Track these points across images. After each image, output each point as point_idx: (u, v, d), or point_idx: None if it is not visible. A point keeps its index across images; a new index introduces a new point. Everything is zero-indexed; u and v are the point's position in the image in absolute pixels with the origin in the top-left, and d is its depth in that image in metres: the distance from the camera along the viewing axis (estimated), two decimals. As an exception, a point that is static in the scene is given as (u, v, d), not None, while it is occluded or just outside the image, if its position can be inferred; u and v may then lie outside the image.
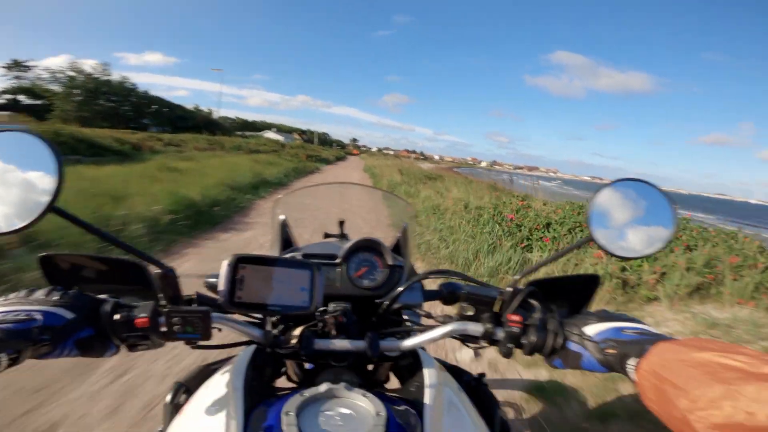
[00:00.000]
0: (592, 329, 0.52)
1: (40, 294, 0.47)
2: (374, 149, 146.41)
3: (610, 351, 0.49)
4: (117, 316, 0.49)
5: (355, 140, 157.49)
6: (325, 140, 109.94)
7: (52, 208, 0.43)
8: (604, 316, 0.54)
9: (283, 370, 0.78)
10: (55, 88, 29.86)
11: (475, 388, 0.76)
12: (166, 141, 21.31)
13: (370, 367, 0.74)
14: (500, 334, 0.57)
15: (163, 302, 0.55)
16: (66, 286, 0.49)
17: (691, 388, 0.35)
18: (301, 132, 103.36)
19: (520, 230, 4.69)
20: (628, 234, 0.54)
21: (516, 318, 0.56)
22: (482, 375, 0.79)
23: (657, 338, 0.46)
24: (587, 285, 0.65)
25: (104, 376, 1.83)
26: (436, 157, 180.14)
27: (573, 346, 0.53)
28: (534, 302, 0.58)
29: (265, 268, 0.57)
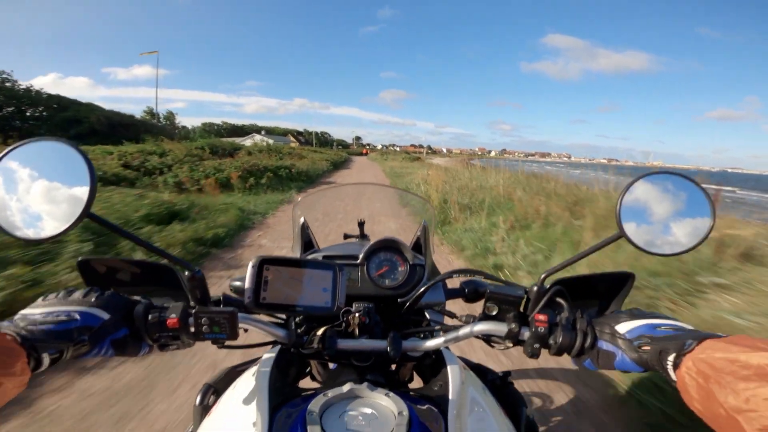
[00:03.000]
0: (625, 327, 0.51)
1: (78, 295, 0.49)
2: (379, 146, 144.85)
3: (646, 348, 0.48)
4: (150, 317, 0.52)
5: (358, 138, 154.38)
6: (325, 140, 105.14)
7: (87, 213, 0.45)
8: (636, 314, 0.53)
9: (308, 370, 0.81)
10: None
11: (501, 387, 0.77)
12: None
13: (393, 366, 0.76)
14: (526, 334, 0.57)
15: (192, 303, 0.58)
16: (102, 288, 0.52)
17: (741, 388, 0.35)
18: (297, 133, 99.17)
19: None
20: (663, 229, 0.52)
21: (542, 317, 0.56)
22: (507, 373, 0.80)
23: (697, 334, 0.45)
24: (619, 283, 0.63)
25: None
26: (444, 150, 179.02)
27: (605, 346, 0.52)
28: (561, 301, 0.57)
29: (288, 269, 0.59)
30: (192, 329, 0.53)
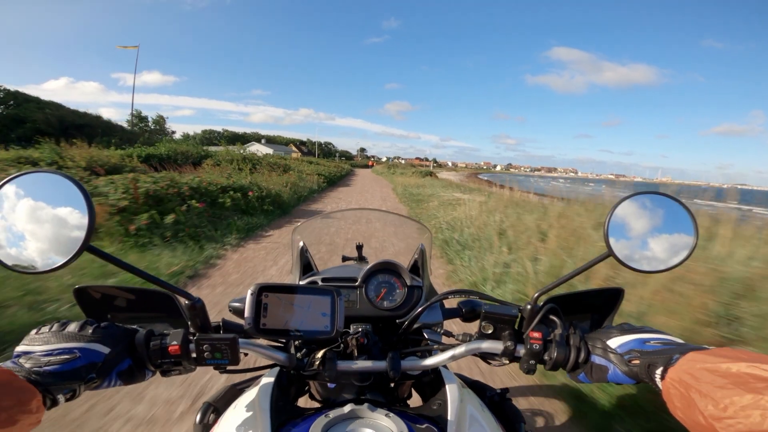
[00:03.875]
0: (616, 342, 0.54)
1: (73, 328, 0.48)
2: (384, 159, 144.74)
3: (635, 362, 0.50)
4: (151, 345, 0.53)
5: (362, 150, 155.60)
6: (328, 151, 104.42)
7: (87, 246, 0.45)
8: (627, 329, 0.55)
9: (307, 388, 0.82)
10: None
11: (499, 403, 0.78)
12: None
13: (393, 383, 0.77)
14: (521, 351, 0.60)
15: (192, 330, 0.59)
16: (99, 317, 0.54)
17: (719, 396, 0.37)
18: (300, 143, 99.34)
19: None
20: (650, 246, 0.55)
21: (537, 335, 0.58)
22: (506, 390, 0.81)
23: (684, 348, 0.47)
24: (610, 299, 0.66)
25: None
26: (449, 164, 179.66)
27: (598, 360, 0.55)
28: (555, 318, 0.60)
29: (287, 295, 0.61)
30: (194, 355, 0.54)
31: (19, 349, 0.45)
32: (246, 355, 0.60)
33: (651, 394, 1.87)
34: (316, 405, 0.74)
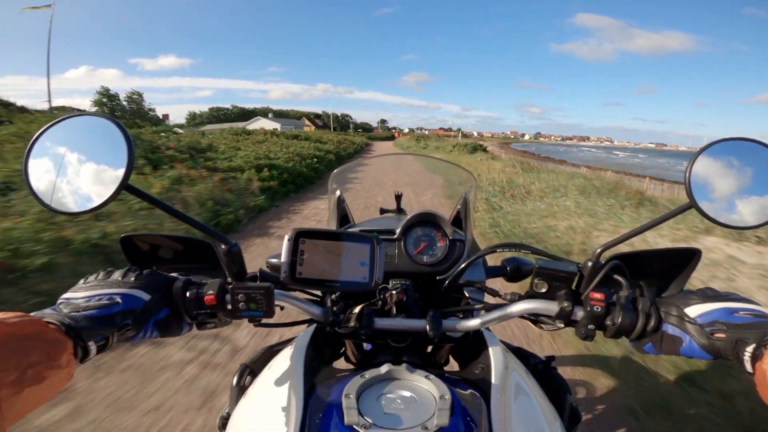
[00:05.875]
0: (695, 310, 0.48)
1: (117, 276, 0.49)
2: (405, 130, 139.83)
3: (719, 335, 0.45)
4: (188, 294, 0.52)
5: (383, 121, 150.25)
6: (346, 124, 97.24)
7: (125, 185, 0.46)
8: (710, 295, 0.49)
9: (342, 350, 0.82)
10: None
11: (543, 372, 0.75)
12: None
13: (430, 348, 0.75)
14: (579, 314, 0.55)
15: (228, 279, 0.58)
16: (143, 265, 0.54)
17: None
18: (316, 116, 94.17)
19: None
20: (737, 200, 0.49)
21: (599, 296, 0.53)
22: (551, 358, 0.78)
23: None
24: (683, 260, 0.60)
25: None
26: (474, 134, 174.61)
27: (670, 329, 0.50)
28: (620, 278, 0.54)
29: (324, 242, 0.59)
30: (229, 306, 0.53)
31: (63, 296, 0.46)
32: (282, 308, 0.59)
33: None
34: (351, 367, 0.74)
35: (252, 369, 0.76)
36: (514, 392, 0.54)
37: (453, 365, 0.77)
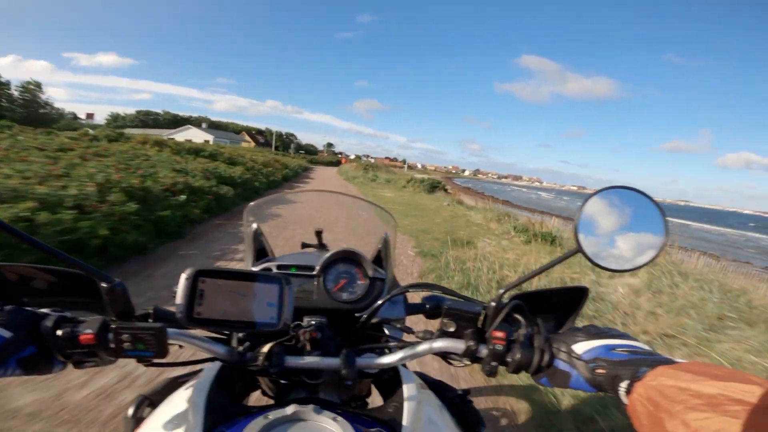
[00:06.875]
0: (581, 347, 0.53)
1: None
2: (352, 156, 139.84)
3: (600, 371, 0.49)
4: (60, 332, 0.48)
5: (330, 145, 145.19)
6: (288, 144, 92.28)
7: None
8: (593, 333, 0.54)
9: (259, 384, 0.80)
10: None
11: (459, 405, 0.78)
12: None
13: (351, 381, 0.74)
14: (483, 351, 0.58)
15: (114, 317, 0.55)
16: (9, 299, 0.49)
17: (691, 418, 0.35)
18: (258, 132, 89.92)
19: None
20: (619, 244, 0.55)
21: (500, 335, 0.57)
22: (467, 392, 0.81)
23: (652, 359, 0.46)
24: (574, 297, 0.67)
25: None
26: (419, 166, 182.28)
27: (561, 365, 0.54)
28: (519, 317, 0.59)
29: (228, 282, 0.57)
30: (112, 345, 0.50)
31: None
32: (181, 347, 0.57)
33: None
34: (268, 401, 0.72)
35: (152, 400, 0.72)
36: (425, 427, 0.56)
37: (377, 395, 0.78)
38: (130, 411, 0.72)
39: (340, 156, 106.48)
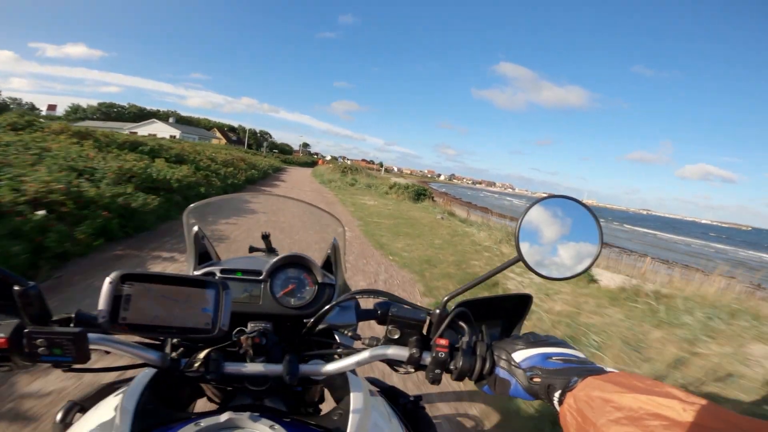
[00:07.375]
0: (520, 355, 0.54)
1: None
2: (328, 157, 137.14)
3: (537, 380, 0.50)
4: None
5: (306, 145, 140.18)
6: (261, 142, 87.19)
7: None
8: (532, 341, 0.56)
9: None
10: None
11: (412, 411, 0.78)
12: None
13: (300, 387, 0.75)
14: (427, 358, 0.58)
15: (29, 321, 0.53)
16: None
17: (614, 431, 0.36)
18: (230, 129, 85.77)
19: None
20: (557, 253, 0.57)
21: (443, 342, 0.57)
22: (419, 397, 0.82)
23: (583, 368, 0.48)
24: (519, 304, 0.68)
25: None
26: (395, 169, 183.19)
27: (502, 373, 0.55)
28: (463, 324, 0.59)
29: (159, 286, 0.54)
30: (26, 350, 0.48)
31: None
32: (108, 353, 0.55)
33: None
34: (213, 407, 0.70)
35: (82, 406, 0.71)
36: None
37: (331, 401, 0.77)
38: (58, 417, 0.70)
39: (316, 156, 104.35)
